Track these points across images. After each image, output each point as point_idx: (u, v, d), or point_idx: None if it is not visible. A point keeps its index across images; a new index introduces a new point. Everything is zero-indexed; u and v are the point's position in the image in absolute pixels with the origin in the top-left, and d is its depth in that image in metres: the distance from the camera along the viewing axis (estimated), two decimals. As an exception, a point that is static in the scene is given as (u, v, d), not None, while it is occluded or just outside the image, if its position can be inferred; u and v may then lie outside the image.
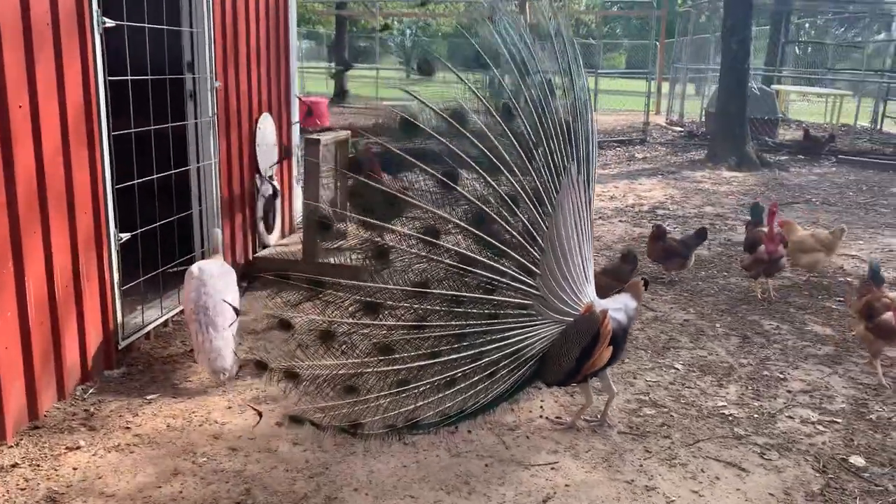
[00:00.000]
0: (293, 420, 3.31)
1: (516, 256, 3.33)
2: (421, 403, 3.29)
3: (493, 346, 3.34)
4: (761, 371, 4.72)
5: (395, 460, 3.49)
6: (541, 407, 4.07)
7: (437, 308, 3.27)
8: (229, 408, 3.92)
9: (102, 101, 4.02)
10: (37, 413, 3.66)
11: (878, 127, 19.03)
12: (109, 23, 4.04)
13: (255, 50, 6.02)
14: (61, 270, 3.77)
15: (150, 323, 4.63)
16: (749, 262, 6.12)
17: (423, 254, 3.22)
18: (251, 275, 3.18)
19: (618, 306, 3.64)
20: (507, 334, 3.37)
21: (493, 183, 3.27)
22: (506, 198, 3.29)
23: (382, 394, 3.24)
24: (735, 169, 12.75)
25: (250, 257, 6.13)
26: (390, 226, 3.18)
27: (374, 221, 3.16)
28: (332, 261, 5.96)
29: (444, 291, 3.26)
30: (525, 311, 3.40)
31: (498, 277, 3.32)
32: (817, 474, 3.56)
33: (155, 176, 4.62)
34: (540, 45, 3.45)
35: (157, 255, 4.75)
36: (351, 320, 3.18)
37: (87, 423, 3.70)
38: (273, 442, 3.60)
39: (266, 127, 6.30)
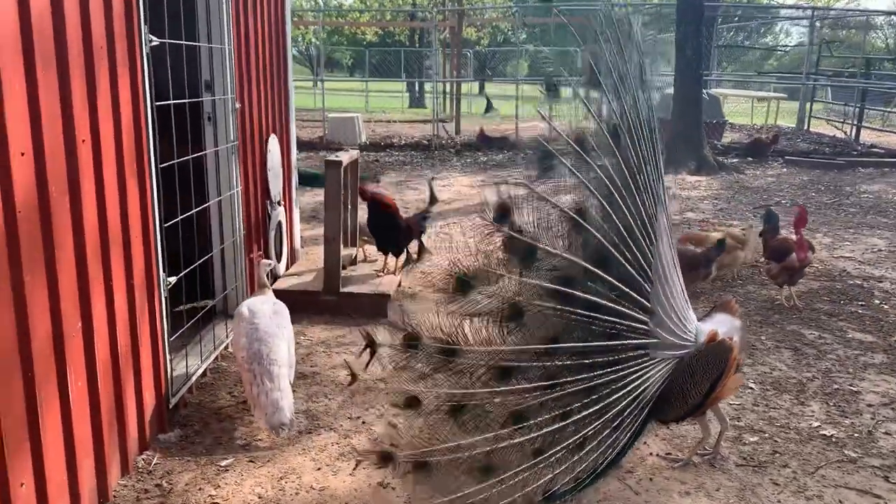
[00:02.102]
0: None
1: (633, 295, 3.05)
2: (558, 471, 2.97)
3: (617, 394, 3.05)
4: (831, 385, 4.63)
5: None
6: (645, 444, 3.82)
7: (568, 362, 2.96)
8: (319, 469, 3.49)
9: (151, 129, 3.55)
10: (106, 494, 3.14)
11: (806, 128, 19.85)
12: (155, 41, 3.57)
13: (263, 67, 5.57)
14: (122, 325, 3.28)
15: (193, 374, 4.13)
16: (778, 271, 6.06)
17: (557, 306, 2.91)
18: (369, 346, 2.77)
19: (727, 329, 3.43)
20: (627, 379, 3.08)
21: (612, 215, 2.98)
22: (623, 231, 3.00)
23: (521, 468, 2.89)
24: (695, 173, 12.91)
25: (265, 290, 5.66)
26: (533, 280, 2.86)
27: (521, 278, 2.83)
28: (351, 291, 5.63)
29: (573, 344, 2.96)
30: (642, 352, 3.13)
31: (620, 320, 3.04)
32: (950, 496, 3.45)
33: (195, 210, 4.14)
34: (647, 58, 3.18)
35: (194, 295, 4.27)
36: (485, 389, 2.84)
37: (165, 501, 3.20)
38: (387, 508, 3.21)
39: (274, 149, 5.84)
